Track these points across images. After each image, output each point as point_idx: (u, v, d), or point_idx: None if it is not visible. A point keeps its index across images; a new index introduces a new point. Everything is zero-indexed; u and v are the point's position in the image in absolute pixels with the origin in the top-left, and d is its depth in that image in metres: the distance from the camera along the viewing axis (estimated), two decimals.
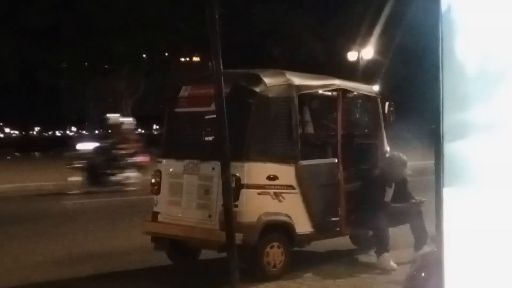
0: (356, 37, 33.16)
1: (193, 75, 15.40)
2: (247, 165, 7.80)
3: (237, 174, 7.61)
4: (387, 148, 9.44)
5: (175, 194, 8.47)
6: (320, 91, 9.18)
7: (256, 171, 7.91)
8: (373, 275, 8.18)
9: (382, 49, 34.06)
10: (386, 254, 8.45)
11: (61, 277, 8.44)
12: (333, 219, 8.62)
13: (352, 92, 9.39)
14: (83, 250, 9.99)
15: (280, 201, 8.03)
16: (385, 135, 9.45)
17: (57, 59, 42.53)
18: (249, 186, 7.79)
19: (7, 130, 77.54)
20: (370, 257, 8.96)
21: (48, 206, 15.41)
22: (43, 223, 12.79)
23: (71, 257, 9.57)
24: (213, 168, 7.91)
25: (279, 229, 8.08)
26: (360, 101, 9.96)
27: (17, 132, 79.35)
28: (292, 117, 8.20)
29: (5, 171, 24.93)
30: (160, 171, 8.69)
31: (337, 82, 9.02)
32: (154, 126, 73.52)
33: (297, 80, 8.48)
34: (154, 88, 46.49)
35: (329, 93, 9.17)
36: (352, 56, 32.93)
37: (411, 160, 9.23)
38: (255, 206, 7.84)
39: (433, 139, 3.23)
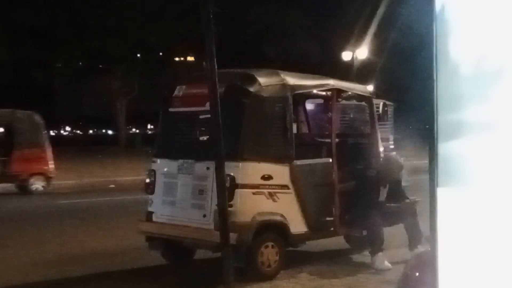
0: (351, 37, 33.18)
1: (188, 75, 15.39)
2: (241, 165, 7.80)
3: (232, 174, 7.60)
4: (381, 148, 9.45)
5: (170, 194, 8.46)
6: (315, 91, 9.20)
7: (250, 171, 7.91)
8: (368, 275, 8.18)
9: (377, 49, 34.11)
10: (380, 253, 8.46)
11: (54, 277, 8.42)
12: (328, 219, 8.63)
13: (347, 92, 9.39)
14: (76, 250, 9.97)
15: (274, 201, 8.02)
16: (379, 135, 9.46)
17: (52, 58, 42.58)
18: (244, 186, 7.79)
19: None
20: (364, 256, 8.96)
21: (41, 206, 15.37)
22: (37, 223, 12.75)
23: (65, 257, 9.54)
24: (207, 168, 7.92)
25: (274, 229, 8.07)
26: (354, 101, 9.98)
27: None
28: (286, 117, 8.20)
29: None
30: (154, 171, 8.69)
31: (332, 82, 9.03)
32: (149, 126, 73.44)
33: (292, 80, 8.48)
34: (149, 87, 46.43)
35: (324, 93, 9.19)
36: (346, 56, 32.93)
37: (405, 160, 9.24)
38: (250, 206, 7.83)
39: (428, 139, 3.23)
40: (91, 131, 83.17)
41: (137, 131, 73.01)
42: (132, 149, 40.30)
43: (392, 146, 9.41)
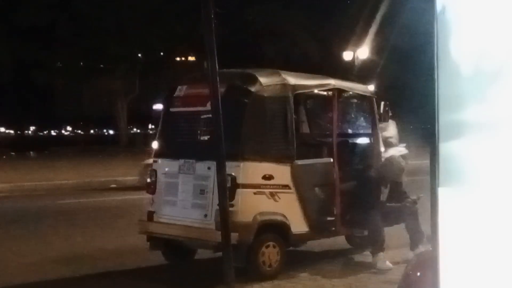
0: (352, 37, 33.16)
1: (189, 75, 15.39)
2: (242, 165, 7.81)
3: (233, 174, 7.61)
4: (382, 148, 9.44)
5: (171, 194, 8.47)
6: (316, 91, 9.20)
7: (251, 171, 7.92)
8: (369, 275, 8.19)
9: (378, 49, 34.07)
10: (381, 253, 8.46)
11: (56, 277, 8.43)
12: (329, 218, 8.64)
13: (348, 91, 9.40)
14: (78, 250, 9.97)
15: (275, 200, 8.03)
16: (380, 135, 9.45)
17: (52, 58, 42.56)
18: (245, 186, 7.80)
19: (2, 129, 77.34)
20: (365, 256, 8.97)
21: (43, 206, 15.37)
22: (39, 222, 12.75)
23: (66, 257, 9.55)
24: (208, 168, 7.92)
25: (275, 229, 8.08)
26: (355, 100, 9.98)
27: (12, 131, 79.20)
28: (287, 116, 8.21)
29: (1, 170, 24.83)
30: (155, 171, 8.69)
31: (333, 82, 9.03)
32: (150, 126, 73.41)
33: (293, 79, 8.49)
34: (150, 87, 46.41)
35: (325, 93, 9.19)
36: (347, 55, 32.92)
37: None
38: (251, 206, 7.84)
39: (428, 138, 3.24)
40: (92, 131, 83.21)
41: (138, 130, 73.02)
42: (133, 148, 40.30)
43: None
